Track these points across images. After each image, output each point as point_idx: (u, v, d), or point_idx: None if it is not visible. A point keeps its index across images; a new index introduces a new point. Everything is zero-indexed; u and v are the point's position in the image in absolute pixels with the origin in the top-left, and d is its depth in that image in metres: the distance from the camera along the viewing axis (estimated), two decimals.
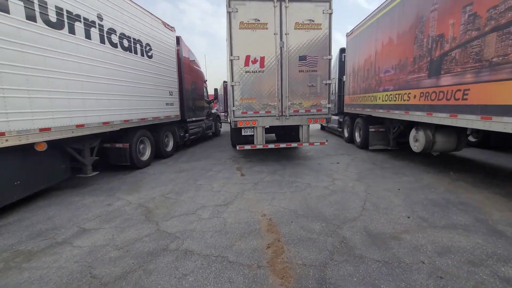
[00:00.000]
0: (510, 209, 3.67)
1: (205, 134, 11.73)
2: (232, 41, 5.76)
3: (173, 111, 8.13)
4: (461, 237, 2.95)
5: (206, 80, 12.58)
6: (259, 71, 5.95)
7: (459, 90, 4.27)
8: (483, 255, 2.58)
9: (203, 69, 12.24)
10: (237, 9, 5.65)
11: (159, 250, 2.82)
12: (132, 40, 6.10)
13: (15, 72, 3.53)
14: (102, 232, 3.27)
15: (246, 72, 5.93)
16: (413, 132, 5.93)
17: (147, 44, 6.73)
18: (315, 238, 2.99)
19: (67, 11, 4.35)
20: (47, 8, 3.99)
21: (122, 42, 5.76)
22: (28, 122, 3.69)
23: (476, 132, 7.50)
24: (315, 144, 6.49)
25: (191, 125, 9.89)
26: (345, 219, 3.47)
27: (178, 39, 8.68)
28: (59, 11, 4.19)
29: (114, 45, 5.49)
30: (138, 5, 6.38)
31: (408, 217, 3.47)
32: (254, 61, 5.90)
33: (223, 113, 18.60)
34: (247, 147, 6.29)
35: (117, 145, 6.01)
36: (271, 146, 6.37)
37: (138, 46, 6.32)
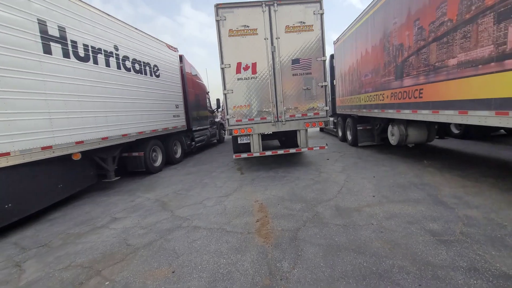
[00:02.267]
0: (461, 186, 4.42)
1: (210, 141, 12.70)
2: (222, 49, 5.81)
3: (180, 122, 9.13)
4: (409, 207, 3.74)
5: (209, 92, 13.62)
6: (251, 78, 6.00)
7: (417, 90, 5.09)
8: (420, 217, 3.38)
9: (205, 82, 13.29)
10: (225, 17, 5.72)
11: (174, 227, 3.71)
12: (142, 63, 7.15)
13: (58, 99, 4.55)
14: (129, 219, 4.19)
15: (238, 79, 5.97)
16: (389, 128, 6.73)
17: (155, 65, 7.78)
18: (295, 214, 3.84)
19: (91, 46, 5.40)
20: (77, 46, 5.03)
21: (134, 66, 6.81)
22: (67, 137, 4.68)
23: (459, 124, 8.22)
24: (314, 148, 6.53)
25: (197, 133, 10.87)
26: (321, 200, 4.30)
27: (181, 57, 9.75)
28: (85, 47, 5.24)
29: (128, 70, 6.53)
30: (145, 33, 7.45)
31: (373, 196, 4.28)
32: (246, 68, 5.94)
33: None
34: (244, 155, 6.29)
35: (134, 154, 7.00)
36: (269, 153, 6.44)
37: (147, 68, 7.37)
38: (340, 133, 10.93)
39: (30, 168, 4.11)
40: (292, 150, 6.40)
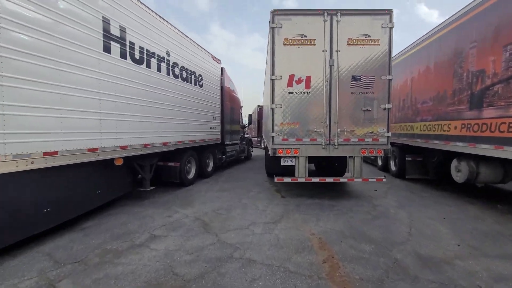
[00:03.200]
0: None
1: (239, 157, 12.30)
2: (274, 58, 5.34)
3: (216, 135, 8.82)
4: None
5: (242, 106, 13.42)
6: (304, 93, 5.38)
7: (504, 123, 4.40)
8: None
9: (240, 96, 13.13)
10: (281, 24, 5.26)
11: (225, 257, 3.18)
12: (189, 71, 6.98)
13: (110, 99, 4.31)
14: (170, 239, 3.71)
15: (289, 93, 5.40)
16: (454, 163, 5.96)
17: (200, 75, 7.60)
18: (367, 257, 3.19)
19: (147, 50, 5.24)
20: (134, 47, 4.87)
21: (182, 74, 6.63)
22: (113, 140, 4.39)
23: None
24: (370, 180, 5.56)
25: (228, 147, 10.51)
26: (392, 242, 3.62)
27: (222, 69, 9.61)
28: (141, 50, 5.08)
29: (176, 76, 6.34)
30: (194, 42, 7.35)
31: (458, 245, 3.54)
32: (299, 81, 5.37)
33: (255, 138, 19.32)
34: (287, 179, 5.54)
35: (169, 163, 6.66)
36: (315, 180, 5.59)
37: (193, 76, 7.19)
38: (380, 162, 10.14)
39: (72, 171, 3.80)
40: (344, 180, 5.65)
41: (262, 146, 20.40)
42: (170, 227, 4.16)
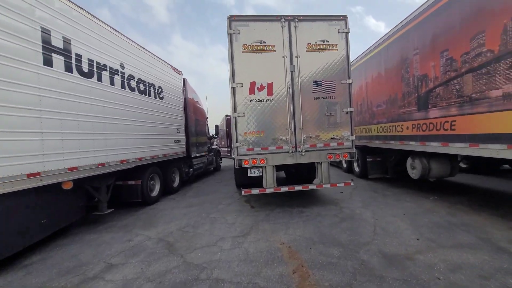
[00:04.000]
0: (508, 228, 3.97)
1: (207, 169, 11.97)
2: (234, 65, 5.18)
3: (181, 148, 8.49)
4: (469, 255, 3.20)
5: (207, 118, 13.19)
6: (266, 100, 5.27)
7: (447, 121, 4.82)
8: (490, 269, 2.83)
9: (204, 107, 12.90)
10: (239, 30, 5.17)
11: (191, 280, 2.96)
12: (147, 84, 6.66)
13: (54, 117, 3.90)
14: (130, 266, 3.38)
15: (251, 101, 5.24)
16: (409, 161, 6.39)
17: (159, 87, 7.31)
18: (336, 262, 3.19)
19: (97, 62, 4.89)
20: (81, 60, 4.51)
21: (139, 86, 6.30)
22: (59, 162, 3.96)
23: (465, 158, 8.04)
24: (338, 185, 5.57)
25: (195, 160, 10.18)
26: (359, 243, 3.69)
27: (184, 81, 9.38)
28: (90, 62, 4.72)
29: (132, 89, 6.00)
30: (152, 53, 7.07)
31: (418, 239, 3.72)
32: (261, 88, 5.24)
33: (224, 148, 19.04)
34: (255, 191, 5.27)
35: (130, 182, 6.21)
36: (284, 189, 5.34)
37: (152, 89, 6.88)
38: (345, 164, 10.56)
39: (7, 200, 3.31)
40: (312, 186, 5.53)
41: (232, 156, 20.13)
42: (129, 252, 3.81)
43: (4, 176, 3.19)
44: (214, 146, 13.88)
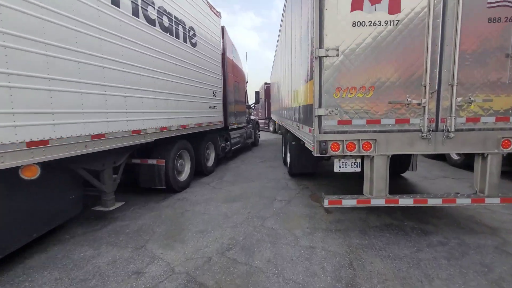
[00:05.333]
0: None
1: (245, 144, 10.01)
2: None
3: (217, 117, 6.47)
4: None
5: (247, 82, 10.96)
6: (386, 22, 2.74)
7: None
8: None
9: (244, 69, 10.62)
10: None
11: None
12: (174, 18, 4.50)
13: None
14: None
15: (355, 24, 2.75)
16: None
17: (191, 28, 5.12)
18: None
19: None
20: None
21: (162, 20, 4.16)
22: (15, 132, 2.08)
23: None
24: None
25: (233, 133, 8.20)
26: None
27: (222, 29, 7.08)
28: None
29: (151, 22, 3.90)
30: None
31: None
32: (375, 0, 2.74)
33: (261, 120, 16.96)
34: (349, 202, 2.96)
35: (150, 161, 4.38)
36: (407, 202, 2.94)
37: (180, 28, 4.71)
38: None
39: None
40: (464, 201, 2.94)
41: (271, 130, 18.01)
42: None
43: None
44: (252, 117, 11.76)
